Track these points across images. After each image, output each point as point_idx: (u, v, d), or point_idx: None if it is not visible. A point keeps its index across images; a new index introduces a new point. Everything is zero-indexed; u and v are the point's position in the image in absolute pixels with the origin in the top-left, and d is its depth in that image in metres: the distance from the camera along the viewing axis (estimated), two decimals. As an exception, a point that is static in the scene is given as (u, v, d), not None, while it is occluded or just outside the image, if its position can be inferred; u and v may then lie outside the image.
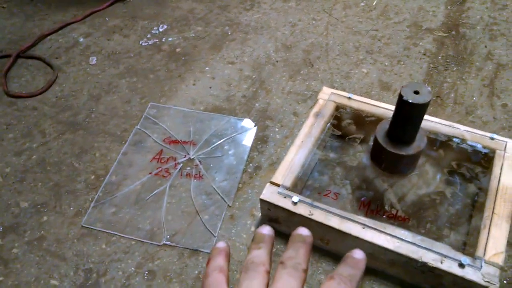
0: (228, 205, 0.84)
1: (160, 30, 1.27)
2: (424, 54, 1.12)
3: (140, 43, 1.23)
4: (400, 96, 0.65)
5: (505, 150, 0.76)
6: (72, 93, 1.10)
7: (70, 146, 0.97)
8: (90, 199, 0.87)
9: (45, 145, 0.98)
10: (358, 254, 0.36)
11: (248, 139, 0.95)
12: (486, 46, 1.13)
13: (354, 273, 0.34)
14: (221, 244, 0.39)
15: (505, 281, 0.71)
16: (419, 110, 0.66)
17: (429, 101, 0.65)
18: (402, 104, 0.66)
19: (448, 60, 1.10)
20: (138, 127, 0.99)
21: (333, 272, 0.35)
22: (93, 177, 0.91)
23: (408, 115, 0.67)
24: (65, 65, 1.18)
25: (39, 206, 0.87)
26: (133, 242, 0.80)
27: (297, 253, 0.36)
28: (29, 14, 1.36)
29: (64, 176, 0.92)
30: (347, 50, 1.15)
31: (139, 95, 1.08)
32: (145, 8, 1.36)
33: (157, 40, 1.23)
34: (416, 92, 0.65)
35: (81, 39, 1.26)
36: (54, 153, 0.96)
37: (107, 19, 1.33)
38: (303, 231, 0.38)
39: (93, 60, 1.18)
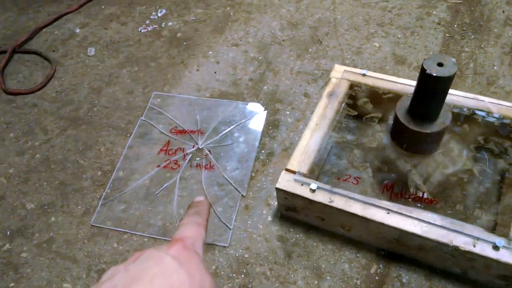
0: (242, 195, 0.80)
1: (159, 15, 1.21)
2: (439, 24, 1.06)
3: (139, 30, 1.18)
4: (423, 70, 0.60)
5: (535, 121, 0.71)
6: (72, 86, 1.05)
7: (73, 142, 0.93)
8: (98, 196, 0.84)
9: (47, 143, 0.94)
10: (198, 198, 0.43)
11: (258, 125, 0.91)
12: (504, 11, 1.06)
13: (198, 208, 0.41)
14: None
15: (542, 261, 0.67)
16: (444, 83, 0.61)
17: (455, 73, 0.60)
18: (425, 78, 0.61)
19: (464, 28, 1.04)
20: (143, 118, 0.95)
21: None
22: (99, 173, 0.87)
23: (432, 89, 0.62)
24: (63, 58, 1.13)
25: (45, 206, 0.84)
26: (145, 239, 0.77)
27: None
28: (23, 7, 1.31)
29: (70, 174, 0.88)
30: (356, 24, 1.09)
31: (142, 84, 1.03)
32: (141, -7, 1.30)
33: (157, 26, 1.18)
34: (440, 64, 0.60)
35: (78, 30, 1.21)
36: (58, 151, 0.92)
37: (103, 7, 1.27)
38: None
39: (91, 51, 1.14)
